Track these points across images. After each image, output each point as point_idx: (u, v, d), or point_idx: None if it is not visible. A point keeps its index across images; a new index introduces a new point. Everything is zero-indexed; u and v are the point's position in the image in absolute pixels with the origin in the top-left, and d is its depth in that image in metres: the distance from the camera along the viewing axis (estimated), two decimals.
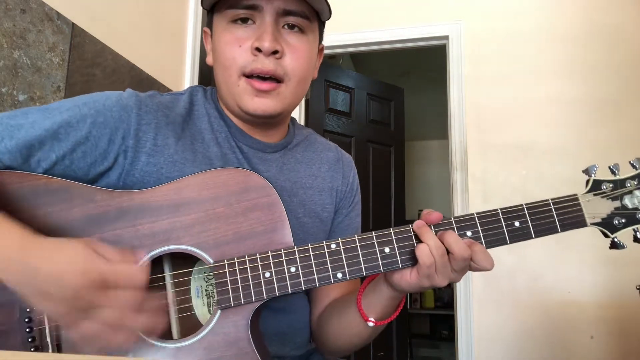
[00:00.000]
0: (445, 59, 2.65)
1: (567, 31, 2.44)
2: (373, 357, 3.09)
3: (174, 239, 0.62)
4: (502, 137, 2.44)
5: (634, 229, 0.64)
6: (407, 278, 0.64)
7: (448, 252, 0.62)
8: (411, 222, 0.65)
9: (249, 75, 0.72)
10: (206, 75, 2.33)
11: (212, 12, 0.78)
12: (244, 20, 0.73)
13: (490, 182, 2.43)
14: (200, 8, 2.26)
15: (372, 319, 0.70)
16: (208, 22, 0.80)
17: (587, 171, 0.66)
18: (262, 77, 0.72)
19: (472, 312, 2.34)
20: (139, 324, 0.55)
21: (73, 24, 1.51)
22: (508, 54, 2.50)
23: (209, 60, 0.81)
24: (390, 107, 3.55)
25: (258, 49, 0.70)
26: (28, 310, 0.60)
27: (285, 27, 0.73)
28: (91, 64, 1.60)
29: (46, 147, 0.64)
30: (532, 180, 2.37)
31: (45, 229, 0.60)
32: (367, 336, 0.75)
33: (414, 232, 0.64)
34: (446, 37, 2.61)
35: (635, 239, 0.65)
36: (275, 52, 0.71)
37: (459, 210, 2.46)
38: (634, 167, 0.65)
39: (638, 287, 1.93)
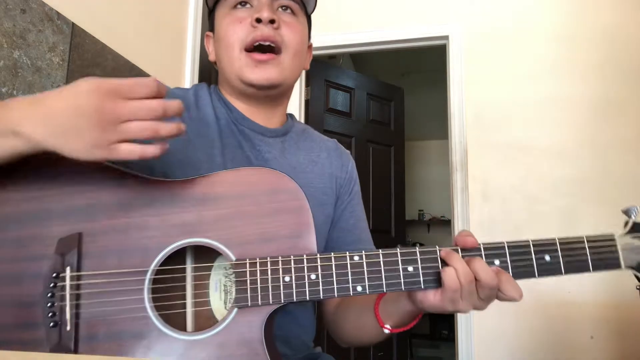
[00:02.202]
0: (445, 59, 2.65)
1: (566, 31, 2.44)
2: (373, 357, 3.09)
3: (200, 232, 0.63)
4: (502, 137, 2.44)
5: None
6: (431, 299, 0.62)
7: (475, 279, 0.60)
8: (411, 222, 0.64)
9: (250, 50, 0.78)
10: (206, 75, 2.33)
11: (213, 11, 0.84)
12: (243, 4, 0.80)
13: (490, 182, 2.43)
14: (200, 8, 2.28)
15: (387, 327, 0.70)
16: (210, 25, 0.87)
17: (627, 212, 0.63)
18: (262, 50, 0.78)
19: (472, 312, 2.34)
20: (168, 131, 0.56)
21: (73, 24, 1.51)
22: (508, 54, 2.50)
23: (212, 56, 0.88)
24: (390, 107, 3.55)
25: (258, 20, 0.77)
26: (52, 285, 0.61)
27: (280, 9, 0.81)
28: (91, 64, 1.60)
29: None
30: (531, 180, 2.37)
31: (75, 207, 0.63)
32: (382, 337, 0.76)
33: (440, 254, 0.62)
34: (446, 37, 2.61)
35: None
36: (272, 22, 0.78)
37: (458, 210, 2.46)
38: None
39: (638, 287, 1.93)
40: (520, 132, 2.42)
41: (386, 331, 0.71)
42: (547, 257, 0.62)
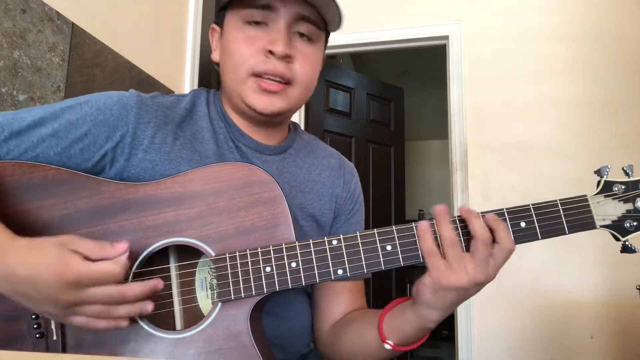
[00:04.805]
0: (445, 59, 2.65)
1: (567, 31, 2.44)
2: None
3: (177, 232, 0.63)
4: (502, 137, 2.44)
5: None
6: (424, 280, 0.61)
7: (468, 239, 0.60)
8: (411, 221, 0.64)
9: (258, 75, 0.73)
10: (206, 75, 2.33)
11: (225, 9, 0.78)
12: (258, 22, 0.74)
13: (490, 181, 2.43)
14: (201, 8, 2.28)
15: (390, 342, 0.68)
16: (218, 19, 0.81)
17: (599, 172, 0.64)
18: (271, 79, 0.73)
19: (472, 312, 2.34)
20: (122, 314, 0.57)
21: (73, 24, 1.51)
22: (508, 54, 2.50)
23: (215, 56, 0.81)
24: (390, 107, 3.55)
25: (271, 52, 0.71)
26: None
27: (297, 35, 0.75)
28: (91, 64, 1.60)
29: (45, 144, 0.65)
30: (531, 180, 2.37)
31: (51, 220, 0.62)
32: (384, 357, 0.72)
33: (416, 229, 0.62)
34: (446, 37, 2.61)
35: None
36: (286, 56, 0.72)
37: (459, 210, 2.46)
38: None
39: (638, 287, 1.93)
40: (520, 132, 2.42)
41: (387, 347, 0.68)
42: (523, 224, 0.62)
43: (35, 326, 0.61)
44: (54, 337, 0.61)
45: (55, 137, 0.66)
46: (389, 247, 0.62)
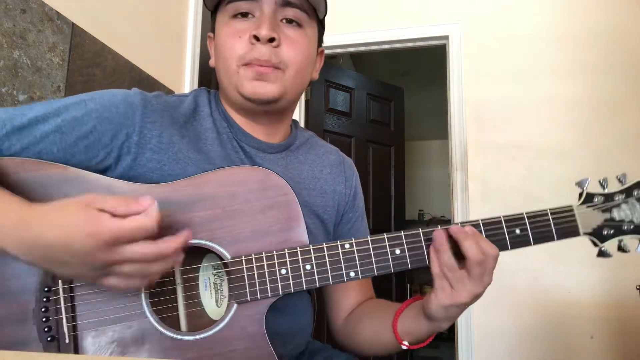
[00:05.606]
0: (445, 59, 2.65)
1: (567, 31, 2.44)
2: (373, 356, 3.09)
3: (192, 234, 0.62)
4: (502, 137, 2.44)
5: (619, 240, 0.70)
6: (433, 302, 0.67)
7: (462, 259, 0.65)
8: (411, 222, 0.67)
9: (248, 64, 0.73)
10: (206, 75, 2.33)
11: (215, 13, 0.80)
12: (245, 15, 0.74)
13: (490, 181, 2.43)
14: (201, 8, 2.28)
15: (406, 343, 0.74)
16: (212, 26, 0.82)
17: (579, 184, 0.71)
18: (261, 64, 0.73)
19: (472, 312, 2.34)
20: (157, 270, 0.55)
21: (73, 24, 1.51)
22: (508, 53, 2.50)
23: (212, 62, 0.82)
24: (390, 107, 3.55)
25: (256, 38, 0.72)
26: (45, 300, 0.59)
27: (284, 21, 0.75)
28: (91, 64, 1.60)
29: (48, 140, 0.64)
30: (531, 180, 2.37)
31: None
32: (398, 350, 0.78)
33: (423, 235, 0.67)
34: (446, 37, 2.61)
35: (619, 248, 0.70)
36: (272, 40, 0.72)
37: (459, 210, 2.46)
38: (620, 181, 0.71)
39: (638, 287, 1.93)
40: (520, 132, 2.42)
41: (404, 347, 0.74)
42: (518, 231, 0.68)
43: (45, 329, 0.59)
44: (66, 341, 0.59)
45: (59, 132, 0.64)
46: (397, 251, 0.67)
